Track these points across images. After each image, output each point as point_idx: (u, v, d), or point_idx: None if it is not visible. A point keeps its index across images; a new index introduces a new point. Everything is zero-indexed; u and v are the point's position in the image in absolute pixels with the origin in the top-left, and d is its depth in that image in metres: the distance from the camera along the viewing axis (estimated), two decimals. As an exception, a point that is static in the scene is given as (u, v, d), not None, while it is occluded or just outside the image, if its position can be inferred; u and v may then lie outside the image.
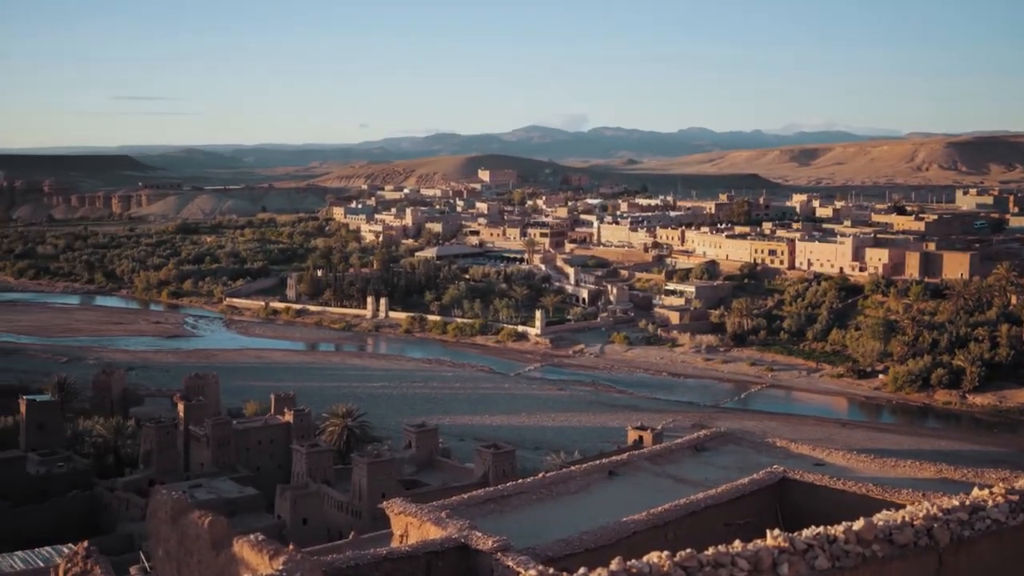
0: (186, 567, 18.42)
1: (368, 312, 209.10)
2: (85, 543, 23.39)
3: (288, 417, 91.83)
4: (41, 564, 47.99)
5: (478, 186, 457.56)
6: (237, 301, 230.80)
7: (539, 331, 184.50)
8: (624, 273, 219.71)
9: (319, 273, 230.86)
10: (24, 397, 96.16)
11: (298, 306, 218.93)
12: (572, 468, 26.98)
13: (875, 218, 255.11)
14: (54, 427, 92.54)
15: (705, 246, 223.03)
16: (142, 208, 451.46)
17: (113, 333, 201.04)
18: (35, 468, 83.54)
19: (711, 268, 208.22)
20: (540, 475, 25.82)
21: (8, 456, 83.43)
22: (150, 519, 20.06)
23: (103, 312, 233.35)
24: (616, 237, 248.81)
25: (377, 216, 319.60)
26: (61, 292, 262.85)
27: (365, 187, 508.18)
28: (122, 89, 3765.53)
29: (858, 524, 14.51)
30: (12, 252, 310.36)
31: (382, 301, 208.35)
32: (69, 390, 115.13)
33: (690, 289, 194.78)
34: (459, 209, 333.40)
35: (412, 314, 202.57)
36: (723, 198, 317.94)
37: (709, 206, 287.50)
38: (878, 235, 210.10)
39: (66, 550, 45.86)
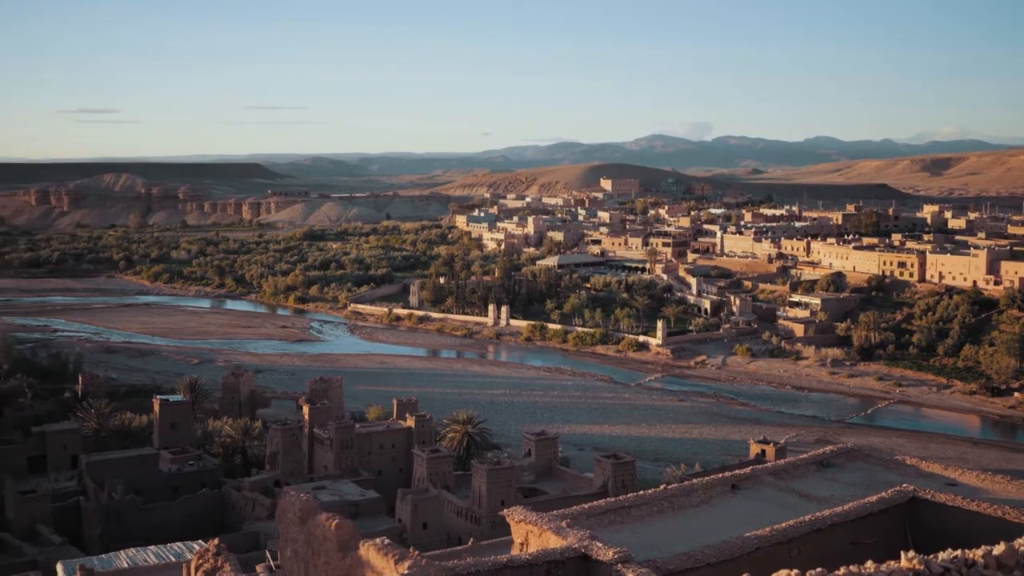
0: (313, 568, 18.78)
1: (489, 320, 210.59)
2: (216, 540, 24.11)
3: (410, 422, 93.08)
4: (173, 559, 49.42)
5: (600, 195, 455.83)
6: (361, 307, 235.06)
7: (660, 341, 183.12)
8: (747, 284, 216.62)
9: (441, 280, 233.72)
10: (158, 397, 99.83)
11: (420, 313, 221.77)
12: (694, 481, 26.67)
13: (1011, 230, 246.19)
14: (185, 427, 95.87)
15: (831, 257, 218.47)
16: (271, 215, 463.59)
17: (242, 336, 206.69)
18: (167, 466, 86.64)
19: (837, 280, 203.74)
20: (661, 487, 25.60)
21: (142, 454, 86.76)
22: (279, 519, 20.50)
23: (232, 316, 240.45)
24: (740, 247, 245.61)
25: (499, 224, 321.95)
26: (193, 296, 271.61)
27: (487, 195, 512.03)
28: (252, 98, 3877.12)
29: (998, 548, 14.00)
30: (148, 256, 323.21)
31: (503, 309, 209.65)
32: (200, 391, 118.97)
33: (815, 301, 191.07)
34: (581, 218, 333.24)
35: (533, 322, 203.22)
36: (850, 208, 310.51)
37: (836, 216, 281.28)
38: (1014, 247, 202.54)
39: (196, 546, 47.23)
